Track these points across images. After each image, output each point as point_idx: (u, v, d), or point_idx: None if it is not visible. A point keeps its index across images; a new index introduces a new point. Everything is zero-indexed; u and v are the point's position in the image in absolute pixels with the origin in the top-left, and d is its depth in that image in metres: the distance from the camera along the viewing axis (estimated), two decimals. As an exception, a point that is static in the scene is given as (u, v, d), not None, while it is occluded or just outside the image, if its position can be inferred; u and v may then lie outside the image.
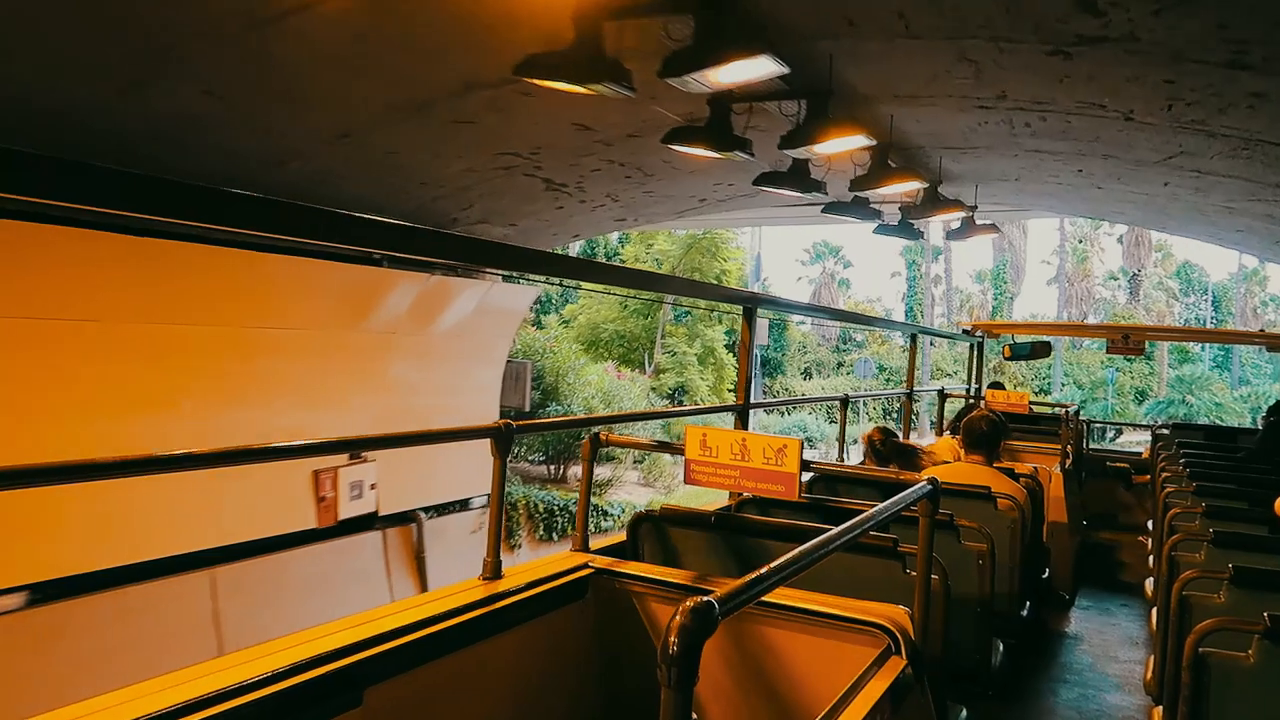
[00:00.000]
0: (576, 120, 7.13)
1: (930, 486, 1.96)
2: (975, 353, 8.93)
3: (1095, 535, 7.29)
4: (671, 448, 2.67)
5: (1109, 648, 5.45)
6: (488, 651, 2.07)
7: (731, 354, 24.60)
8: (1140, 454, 8.44)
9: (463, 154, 7.69)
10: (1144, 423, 23.79)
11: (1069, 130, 6.61)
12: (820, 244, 49.60)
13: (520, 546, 13.58)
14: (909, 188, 7.75)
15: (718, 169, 8.85)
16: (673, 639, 0.94)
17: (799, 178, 6.85)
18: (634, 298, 19.61)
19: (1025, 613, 3.82)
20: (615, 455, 17.56)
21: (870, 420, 38.77)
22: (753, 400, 4.05)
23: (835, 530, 1.44)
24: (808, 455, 2.54)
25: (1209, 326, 50.62)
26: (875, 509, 1.66)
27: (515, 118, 6.76)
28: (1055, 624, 5.77)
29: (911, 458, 4.44)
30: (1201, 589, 2.64)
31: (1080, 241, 53.56)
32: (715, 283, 21.21)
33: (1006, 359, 10.69)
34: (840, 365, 43.58)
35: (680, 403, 22.35)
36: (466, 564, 4.71)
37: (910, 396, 7.07)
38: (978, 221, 9.75)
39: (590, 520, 2.75)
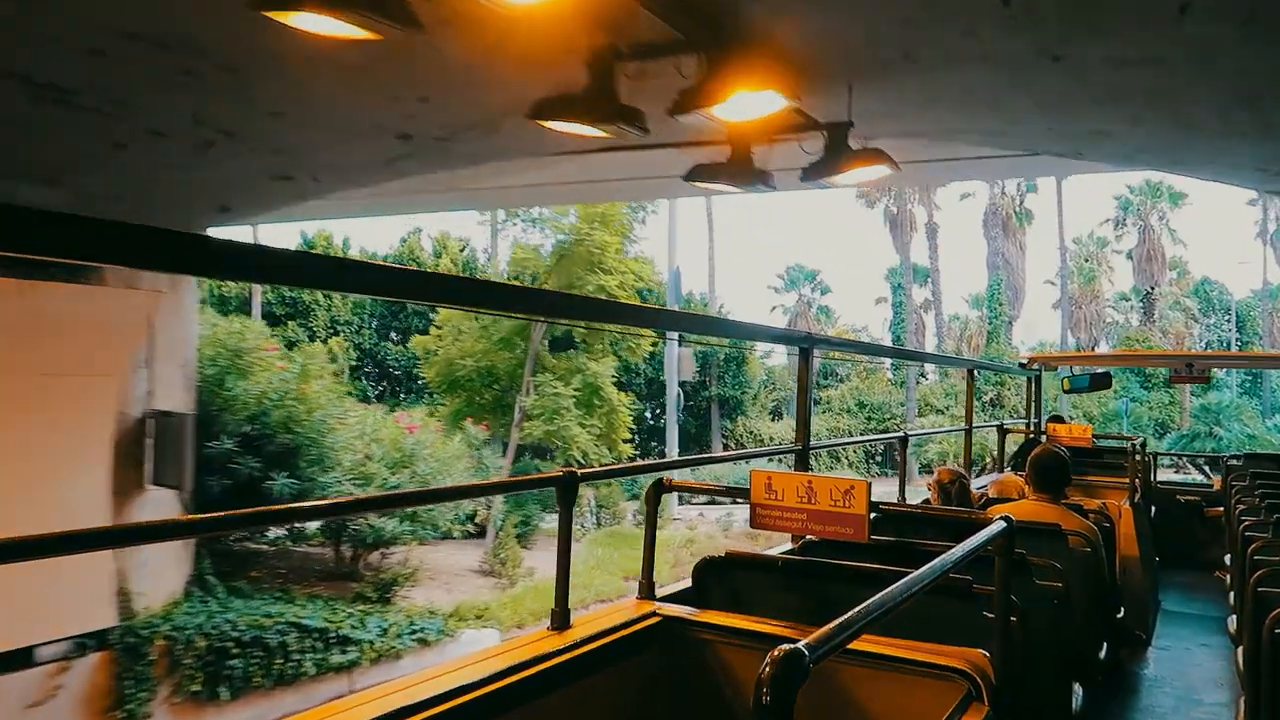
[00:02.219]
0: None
1: (1005, 524, 1.90)
2: (1033, 386, 8.78)
3: (1169, 572, 7.08)
4: (738, 491, 2.65)
5: (1192, 690, 5.07)
6: (556, 704, 2.04)
7: (628, 394, 19.65)
8: (1211, 486, 8.45)
9: None
10: (1206, 453, 22.91)
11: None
12: (794, 268, 44.80)
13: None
14: (874, 175, 6.24)
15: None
16: (765, 689, 0.94)
17: (740, 170, 5.76)
18: (508, 316, 14.92)
19: (1102, 654, 3.84)
20: (443, 526, 12.53)
21: (851, 466, 33.91)
22: (810, 444, 4.10)
23: (918, 573, 1.41)
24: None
25: (1242, 350, 45.69)
26: (954, 550, 1.63)
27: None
28: (1133, 665, 5.38)
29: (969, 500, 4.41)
30: None
31: (1086, 260, 49.01)
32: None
33: (1066, 392, 10.68)
34: (819, 402, 38.46)
35: (551, 461, 17.41)
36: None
37: (969, 433, 7.07)
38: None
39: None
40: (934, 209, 43.24)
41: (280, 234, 31.72)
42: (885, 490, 4.31)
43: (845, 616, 1.13)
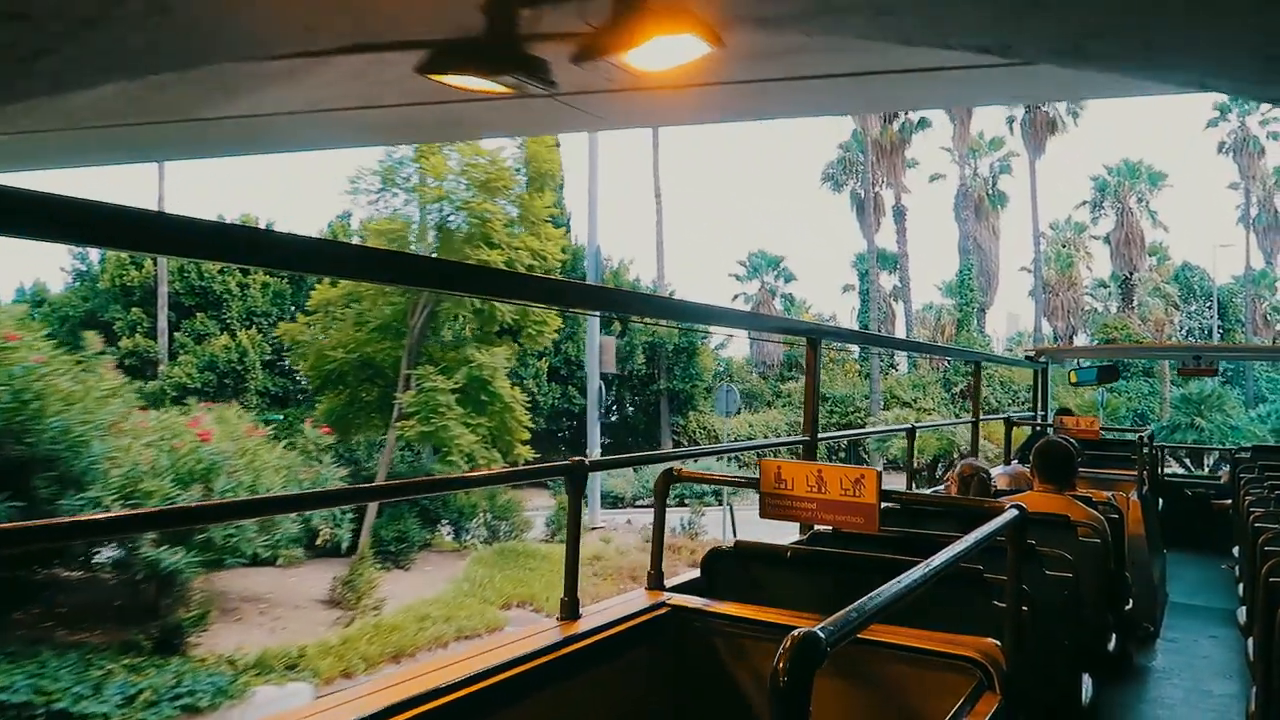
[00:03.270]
0: None
1: (1018, 514, 1.88)
2: (1040, 379, 8.74)
3: (1177, 564, 7.00)
4: (747, 482, 2.59)
5: (1201, 680, 5.05)
6: (565, 694, 2.06)
7: (523, 388, 17.37)
8: (1219, 478, 8.69)
9: None
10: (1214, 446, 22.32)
11: None
12: (757, 255, 42.53)
13: None
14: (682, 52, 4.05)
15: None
16: (783, 668, 0.94)
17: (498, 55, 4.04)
18: (406, 289, 12.71)
19: (1111, 645, 3.82)
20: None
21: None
22: (819, 434, 4.02)
23: (932, 561, 1.41)
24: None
25: (1225, 340, 43.89)
26: (966, 539, 1.63)
27: None
28: (1142, 657, 5.36)
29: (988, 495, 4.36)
30: None
31: (1064, 246, 47.06)
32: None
33: (1073, 384, 11.08)
34: (779, 395, 36.29)
35: (424, 473, 15.09)
36: None
37: (976, 425, 7.06)
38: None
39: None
40: (902, 190, 41.10)
41: None
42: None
43: (860, 602, 1.14)
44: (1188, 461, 20.72)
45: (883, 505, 2.43)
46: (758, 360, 41.36)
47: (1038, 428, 7.70)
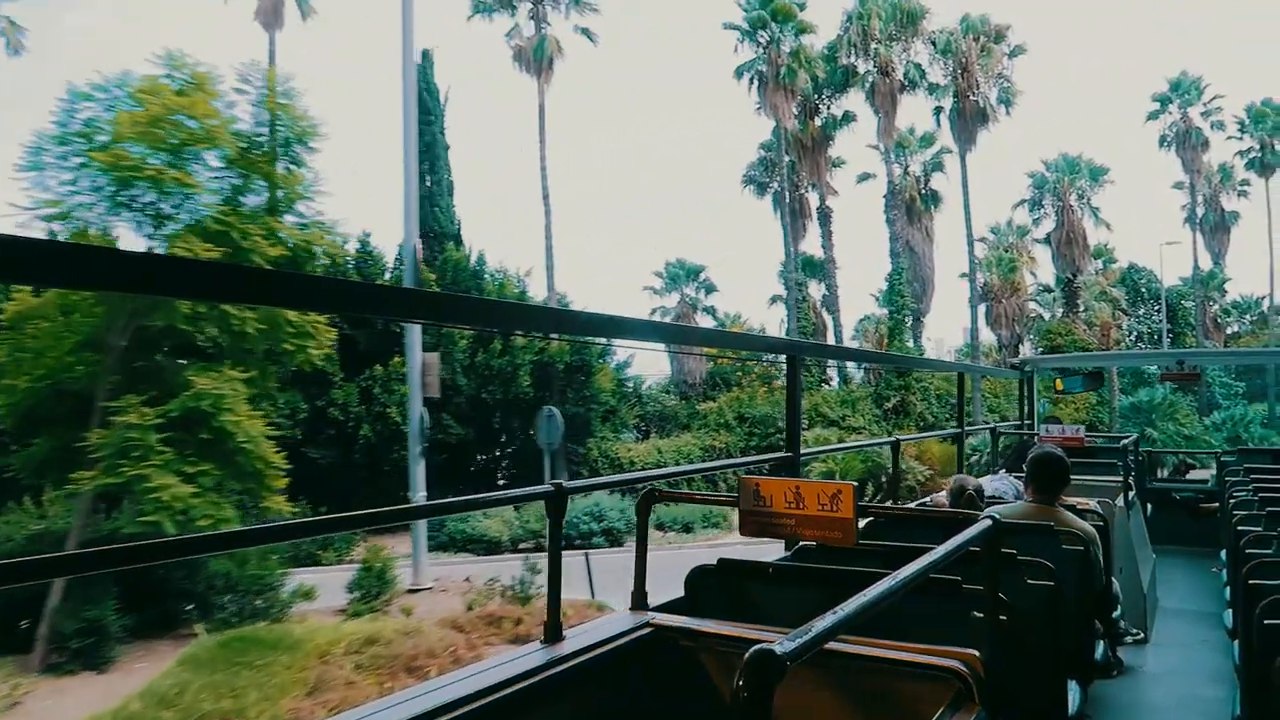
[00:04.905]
0: None
1: (991, 523, 1.89)
2: (1025, 387, 8.75)
3: (1167, 569, 7.01)
4: (725, 500, 2.68)
5: (1192, 685, 5.05)
6: (549, 717, 2.05)
7: (384, 419, 13.78)
8: (1206, 482, 8.56)
9: None
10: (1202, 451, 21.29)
11: None
12: (675, 265, 39.11)
13: None
14: None
15: None
16: (740, 685, 0.96)
17: None
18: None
19: (1099, 653, 3.82)
20: None
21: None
22: (800, 451, 4.08)
23: (899, 573, 1.42)
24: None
25: (1181, 346, 41.45)
26: (937, 550, 1.64)
27: None
28: (1132, 663, 5.29)
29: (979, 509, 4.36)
30: None
31: (1006, 251, 44.39)
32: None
33: (1059, 393, 11.89)
34: (695, 416, 32.79)
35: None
36: None
37: (961, 437, 7.02)
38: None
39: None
40: (828, 191, 38.08)
41: None
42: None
43: (822, 617, 1.15)
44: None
45: (872, 519, 3.07)
46: (679, 379, 37.95)
47: (1024, 437, 7.60)
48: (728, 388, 37.65)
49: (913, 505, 4.54)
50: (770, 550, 3.38)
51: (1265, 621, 2.55)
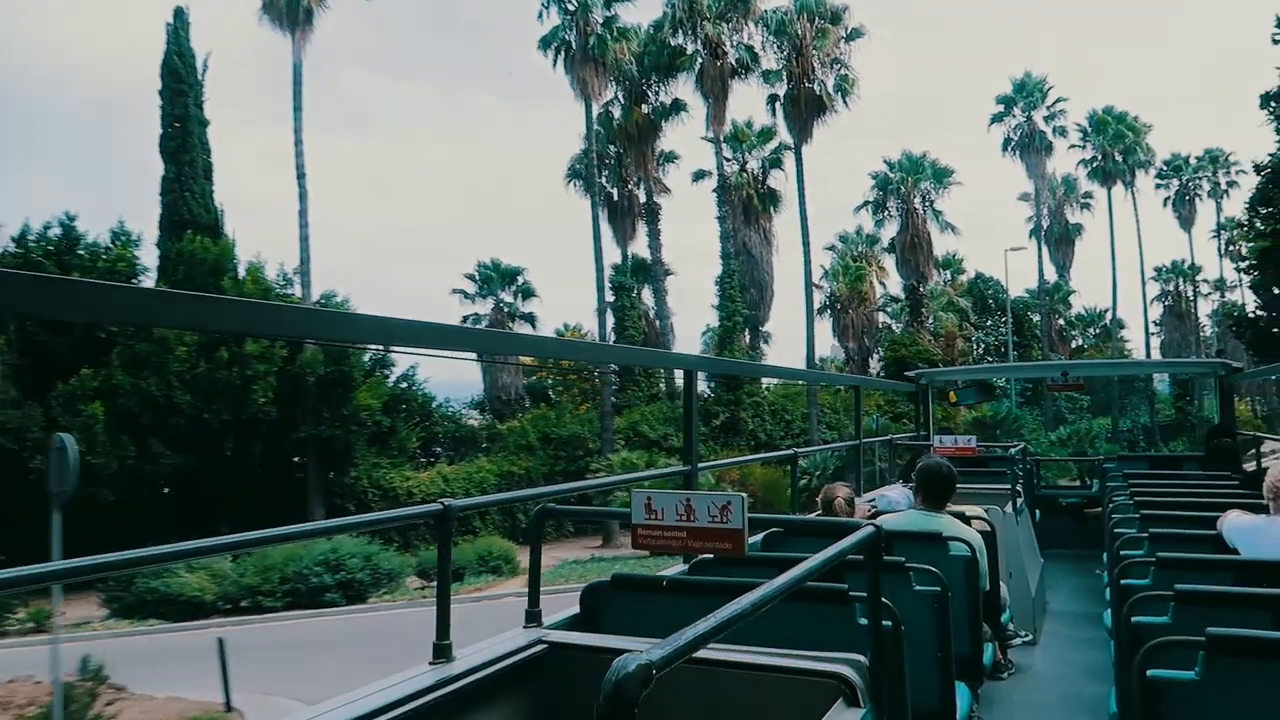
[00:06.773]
0: None
1: (873, 530, 1.87)
2: (920, 400, 9.14)
3: (1055, 573, 7.27)
4: (617, 515, 2.66)
5: (1076, 684, 5.19)
6: None
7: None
8: (1090, 488, 8.88)
9: None
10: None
11: None
12: (488, 266, 34.64)
13: None
14: None
15: None
16: (602, 700, 0.94)
17: None
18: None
19: (987, 656, 3.87)
20: None
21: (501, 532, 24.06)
22: (698, 464, 4.14)
23: (777, 580, 1.40)
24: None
25: (1030, 359, 39.66)
26: (816, 557, 1.62)
27: None
28: (1021, 664, 5.46)
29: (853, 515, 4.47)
30: (1151, 613, 2.61)
31: (854, 259, 41.90)
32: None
33: (953, 404, 12.33)
34: (494, 439, 28.33)
35: None
36: None
37: (859, 449, 7.26)
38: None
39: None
40: (658, 187, 34.47)
41: None
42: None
43: (693, 625, 1.14)
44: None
45: (773, 531, 3.31)
46: (493, 394, 33.45)
47: (918, 447, 7.63)
48: (547, 403, 33.40)
49: (810, 517, 4.55)
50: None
51: (1132, 619, 2.62)
